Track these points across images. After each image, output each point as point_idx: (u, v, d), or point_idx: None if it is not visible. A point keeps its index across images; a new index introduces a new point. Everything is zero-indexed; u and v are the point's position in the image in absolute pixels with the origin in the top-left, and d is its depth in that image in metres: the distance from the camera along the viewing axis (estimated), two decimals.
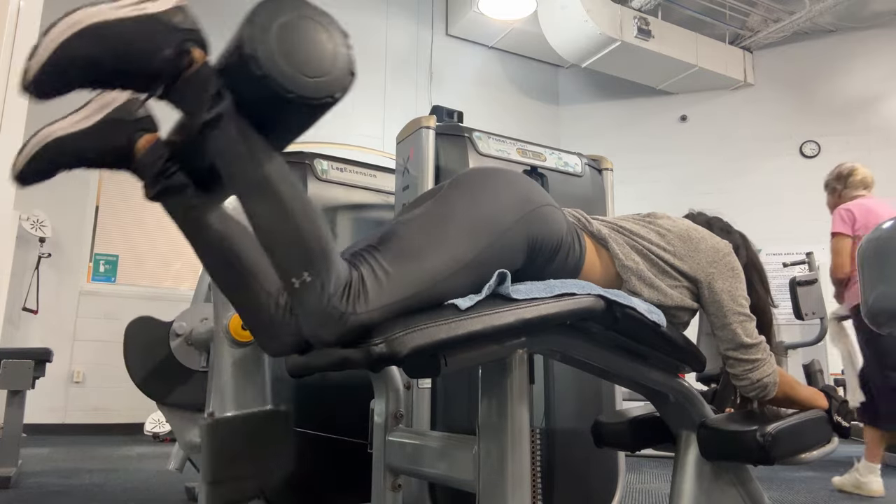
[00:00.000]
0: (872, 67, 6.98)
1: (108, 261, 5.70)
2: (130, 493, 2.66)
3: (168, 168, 1.03)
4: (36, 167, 1.03)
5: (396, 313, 0.96)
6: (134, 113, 1.06)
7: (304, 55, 0.87)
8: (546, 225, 1.13)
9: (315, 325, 0.93)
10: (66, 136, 1.03)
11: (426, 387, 1.86)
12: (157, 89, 0.93)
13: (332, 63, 0.90)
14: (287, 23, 0.88)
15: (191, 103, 0.92)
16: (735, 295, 1.32)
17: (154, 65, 0.90)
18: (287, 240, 0.91)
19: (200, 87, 0.90)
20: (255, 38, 0.86)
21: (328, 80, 0.89)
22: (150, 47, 0.89)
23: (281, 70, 0.85)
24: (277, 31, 0.86)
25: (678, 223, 1.39)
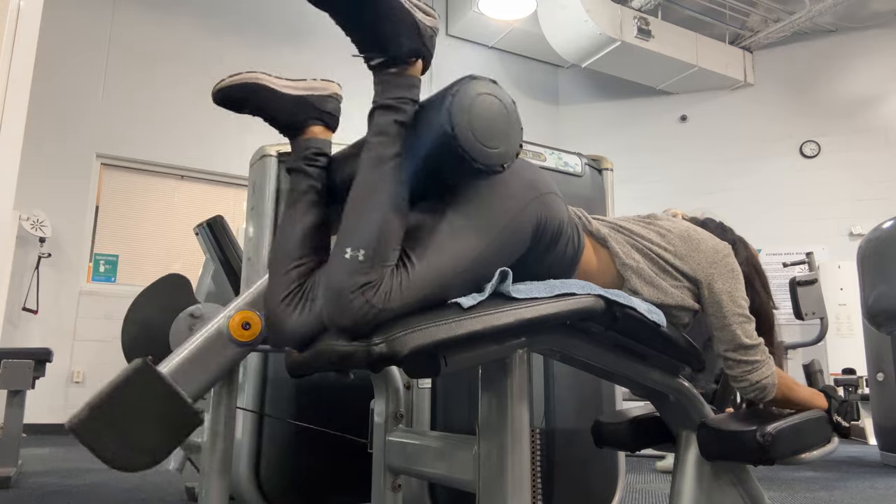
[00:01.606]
0: (872, 67, 6.98)
1: (108, 261, 5.70)
2: (130, 493, 2.66)
3: (316, 159, 1.23)
4: (234, 93, 1.22)
5: (408, 312, 0.98)
6: (326, 105, 1.28)
7: (486, 125, 1.02)
8: (551, 211, 1.15)
9: (337, 305, 0.96)
10: (272, 88, 1.23)
11: (426, 387, 1.86)
12: (377, 59, 1.08)
13: (504, 138, 1.04)
14: (481, 95, 1.03)
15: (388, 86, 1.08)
16: (734, 296, 1.32)
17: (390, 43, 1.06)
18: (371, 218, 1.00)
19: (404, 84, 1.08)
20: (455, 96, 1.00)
21: (499, 152, 1.03)
22: (399, 31, 1.06)
23: (463, 127, 1.00)
24: (472, 97, 1.02)
25: (678, 224, 1.39)
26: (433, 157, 1.03)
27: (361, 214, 1.01)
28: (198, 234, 3.07)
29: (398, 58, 1.06)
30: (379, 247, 0.98)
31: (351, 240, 0.99)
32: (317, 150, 1.24)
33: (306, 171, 1.22)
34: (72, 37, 5.67)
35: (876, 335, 3.91)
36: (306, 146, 1.24)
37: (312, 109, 1.25)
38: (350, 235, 0.99)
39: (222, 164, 6.09)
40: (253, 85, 1.21)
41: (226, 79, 1.21)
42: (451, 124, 0.98)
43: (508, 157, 1.05)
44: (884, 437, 3.93)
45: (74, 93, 5.58)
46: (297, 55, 6.50)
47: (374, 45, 1.06)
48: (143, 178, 5.92)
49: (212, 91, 1.22)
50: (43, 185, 5.28)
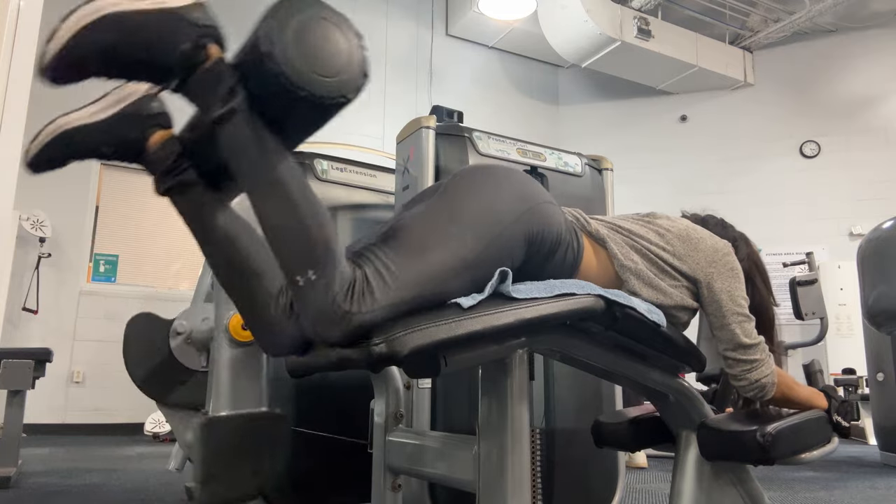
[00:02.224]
0: (872, 67, 6.98)
1: (108, 261, 5.70)
2: (130, 493, 2.66)
3: (179, 164, 1.06)
4: (48, 156, 1.04)
5: (400, 313, 0.96)
6: (149, 108, 1.08)
7: (319, 54, 0.88)
8: (545, 221, 1.13)
9: (318, 324, 0.93)
10: (81, 126, 1.05)
11: (426, 387, 1.86)
12: (172, 82, 0.94)
13: (346, 63, 0.91)
14: (304, 22, 0.89)
15: (204, 98, 0.93)
16: (734, 295, 1.32)
17: (170, 58, 0.91)
18: (294, 237, 0.92)
19: (215, 82, 0.91)
20: (272, 35, 0.87)
21: (341, 80, 0.90)
22: (168, 40, 0.90)
23: (295, 68, 0.86)
24: (294, 30, 0.88)
25: (677, 223, 1.39)
26: (283, 114, 0.92)
27: (284, 240, 0.93)
28: None
29: (189, 65, 0.92)
30: (321, 256, 0.92)
31: (293, 268, 0.92)
32: (174, 155, 1.06)
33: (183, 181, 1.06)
34: None
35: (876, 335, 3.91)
36: (161, 157, 1.06)
37: (138, 120, 1.07)
38: (289, 265, 0.93)
39: None
40: (61, 136, 1.04)
41: (30, 145, 1.03)
42: (273, 59, 0.86)
43: (352, 84, 0.91)
44: (884, 437, 3.93)
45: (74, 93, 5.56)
46: None
47: (159, 71, 0.93)
48: (143, 178, 5.85)
49: (25, 164, 1.04)
50: (43, 185, 5.26)
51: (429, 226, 1.05)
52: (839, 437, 1.47)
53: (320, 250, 0.92)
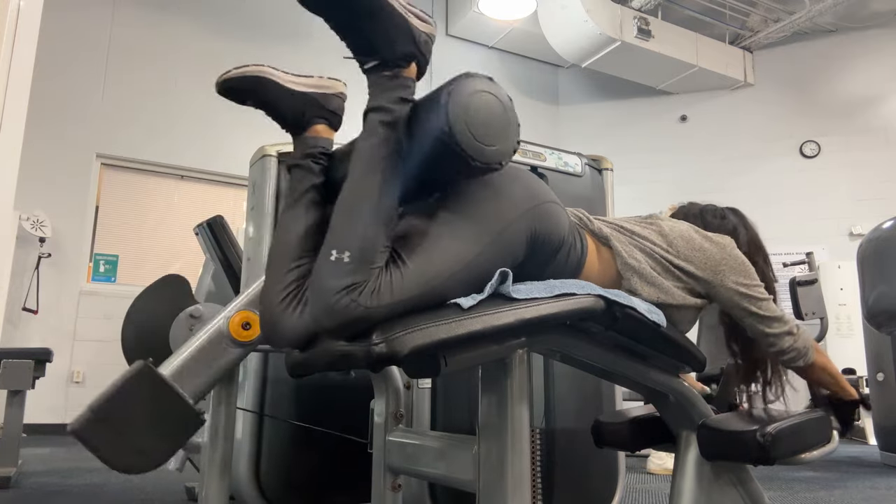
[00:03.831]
0: (872, 67, 6.98)
1: (108, 261, 5.70)
2: (130, 493, 2.66)
3: (319, 157, 1.22)
4: (238, 85, 1.20)
5: (402, 311, 0.97)
6: (332, 104, 1.26)
7: (483, 122, 1.01)
8: (549, 222, 1.14)
9: (323, 307, 0.96)
10: (278, 83, 1.21)
11: (426, 387, 1.86)
12: (371, 62, 1.07)
13: (502, 136, 1.04)
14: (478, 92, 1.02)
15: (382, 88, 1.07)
16: (749, 285, 1.34)
17: (384, 47, 1.06)
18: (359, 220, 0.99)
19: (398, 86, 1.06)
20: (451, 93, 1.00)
21: (495, 150, 1.03)
22: (393, 35, 1.05)
23: (459, 124, 0.99)
24: (469, 94, 1.01)
25: (679, 224, 1.39)
26: (429, 156, 1.03)
27: (349, 217, 1.00)
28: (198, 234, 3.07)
29: (391, 61, 1.06)
30: (365, 249, 0.98)
31: (337, 242, 0.99)
32: (321, 149, 1.23)
33: (310, 167, 1.21)
34: (72, 37, 5.67)
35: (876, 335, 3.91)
36: (311, 144, 1.23)
37: (317, 107, 1.24)
38: (336, 237, 0.99)
39: (222, 164, 6.09)
40: (259, 78, 1.19)
41: (231, 70, 1.19)
42: (447, 122, 0.98)
43: (506, 154, 1.04)
44: (884, 437, 3.93)
45: (74, 93, 5.58)
46: (296, 54, 6.50)
47: (368, 48, 1.06)
48: (143, 178, 5.92)
49: (216, 81, 1.20)
50: (43, 185, 5.28)
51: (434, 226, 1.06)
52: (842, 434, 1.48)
53: (368, 245, 0.98)
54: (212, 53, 6.19)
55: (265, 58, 6.36)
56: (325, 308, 0.96)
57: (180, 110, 5.99)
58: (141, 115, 5.84)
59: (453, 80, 1.02)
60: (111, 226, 5.77)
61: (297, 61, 6.47)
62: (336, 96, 1.27)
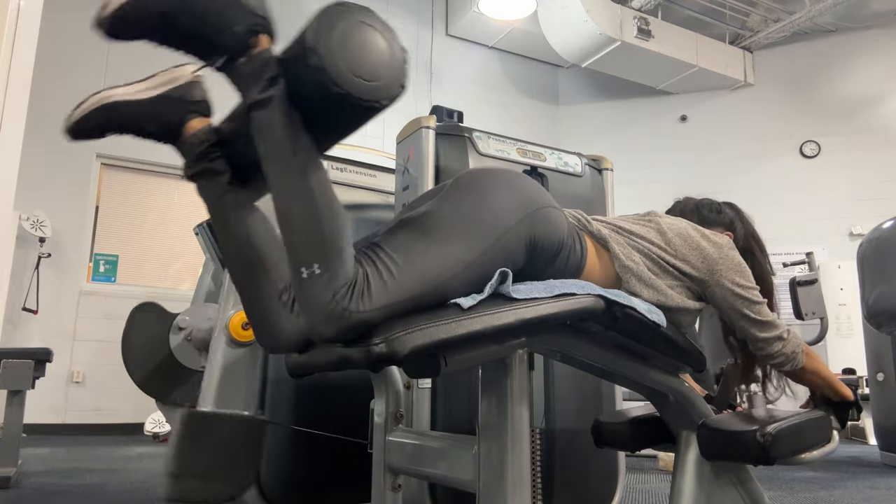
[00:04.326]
0: (872, 67, 6.98)
1: (108, 261, 5.70)
2: (130, 493, 2.66)
3: (211, 152, 1.10)
4: (87, 125, 1.08)
5: (398, 313, 0.97)
6: (192, 94, 1.13)
7: (361, 57, 0.93)
8: (547, 226, 1.13)
9: (317, 320, 0.94)
10: (125, 101, 1.09)
11: (426, 387, 1.86)
12: (219, 61, 0.98)
13: (385, 70, 0.95)
14: (351, 25, 0.94)
15: (246, 81, 0.97)
16: (745, 286, 1.34)
17: (223, 36, 0.96)
18: (307, 229, 0.94)
19: (259, 69, 0.96)
20: (319, 33, 0.92)
21: (378, 85, 0.94)
22: (224, 19, 0.95)
23: (336, 65, 0.91)
24: (341, 31, 0.93)
25: (677, 222, 1.39)
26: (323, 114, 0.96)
27: (295, 232, 0.95)
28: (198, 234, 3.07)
29: (238, 47, 0.96)
30: (329, 252, 0.93)
31: (300, 260, 0.94)
32: (209, 143, 1.11)
33: (212, 169, 1.10)
34: (72, 37, 5.67)
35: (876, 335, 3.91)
36: (196, 142, 1.11)
37: (180, 104, 1.12)
38: (297, 256, 0.94)
39: None
40: (102, 106, 1.07)
41: (73, 112, 1.08)
42: (317, 55, 0.90)
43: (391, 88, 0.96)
44: (884, 437, 3.93)
45: (74, 93, 5.56)
46: None
47: (210, 47, 0.97)
48: (143, 178, 5.92)
49: (65, 128, 1.09)
50: (43, 185, 5.28)
51: (428, 228, 1.05)
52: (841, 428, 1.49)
53: (329, 246, 0.93)
54: None
55: None
56: (320, 321, 0.94)
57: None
58: None
59: (319, 15, 0.93)
60: (111, 226, 5.77)
61: None
62: (191, 83, 1.14)
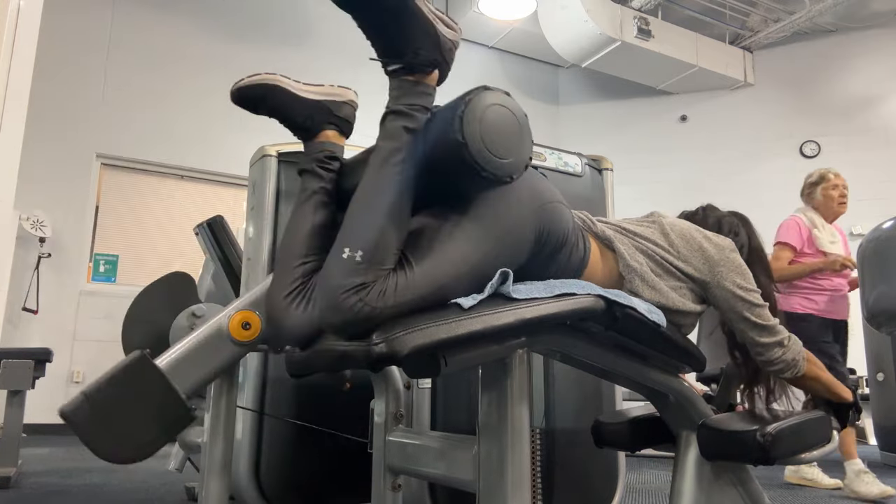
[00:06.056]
0: (872, 67, 6.98)
1: (108, 261, 5.70)
2: (130, 493, 2.66)
3: (329, 162, 1.26)
4: (252, 94, 1.24)
5: (407, 312, 0.98)
6: (342, 112, 1.30)
7: (497, 137, 1.02)
8: (554, 221, 1.14)
9: (329, 304, 0.96)
10: (289, 91, 1.25)
11: (426, 387, 1.86)
12: (394, 65, 1.09)
13: (515, 150, 1.04)
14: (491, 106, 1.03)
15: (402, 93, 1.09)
16: (746, 289, 1.34)
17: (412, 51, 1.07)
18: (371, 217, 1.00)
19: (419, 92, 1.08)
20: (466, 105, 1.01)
21: (508, 163, 1.03)
22: (420, 41, 1.07)
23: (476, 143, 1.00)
24: (482, 110, 1.02)
25: (679, 223, 1.39)
26: (442, 164, 1.04)
27: (363, 216, 1.01)
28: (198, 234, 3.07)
29: (415, 66, 1.07)
30: (377, 249, 0.98)
31: (350, 240, 0.99)
32: (330, 154, 1.25)
33: (318, 173, 1.24)
34: (72, 37, 5.67)
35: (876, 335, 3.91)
36: (320, 149, 1.26)
37: (328, 114, 1.28)
38: (350, 236, 1.00)
39: (222, 164, 6.09)
40: (271, 86, 1.23)
41: (244, 78, 1.23)
42: (462, 133, 0.99)
43: (518, 168, 1.05)
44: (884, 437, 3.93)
45: (74, 93, 5.58)
46: (298, 56, 6.50)
47: (393, 51, 1.07)
48: (143, 178, 5.92)
49: (230, 89, 1.24)
50: (43, 185, 5.28)
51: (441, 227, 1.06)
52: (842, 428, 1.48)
53: (381, 245, 0.98)
54: (212, 53, 6.19)
55: (266, 58, 6.36)
56: (332, 304, 0.96)
57: (180, 110, 5.98)
58: (141, 115, 5.84)
59: (471, 92, 1.03)
60: (111, 226, 5.77)
61: (298, 62, 6.47)
62: (346, 104, 1.30)
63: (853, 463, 2.87)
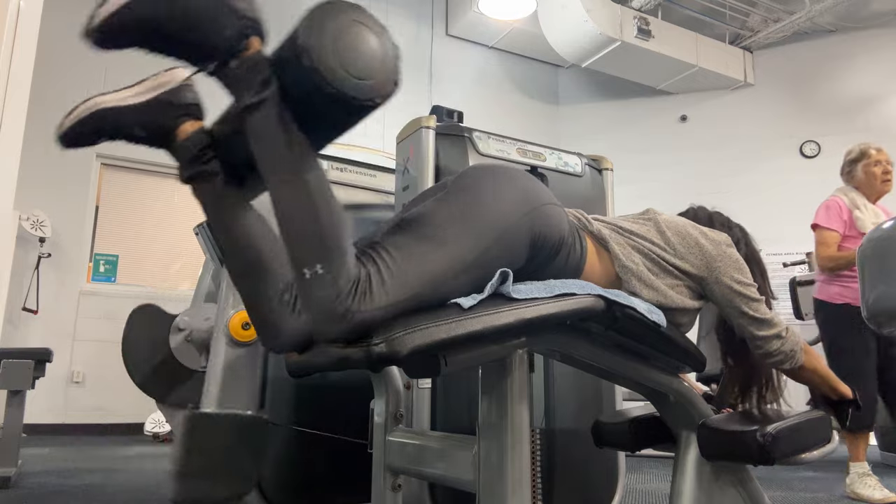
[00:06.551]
0: (872, 67, 6.98)
1: (108, 261, 5.70)
2: (130, 493, 2.66)
3: (205, 154, 1.08)
4: (80, 131, 1.07)
5: (400, 312, 0.96)
6: (183, 98, 1.12)
7: (354, 56, 0.92)
8: (549, 223, 1.13)
9: (320, 320, 0.94)
10: (116, 107, 1.08)
11: (426, 387, 1.86)
12: (210, 66, 0.98)
13: (378, 68, 0.94)
14: (343, 23, 0.93)
15: (239, 85, 0.96)
16: (744, 283, 1.34)
17: (214, 41, 0.95)
18: (307, 230, 0.94)
19: (251, 71, 0.95)
20: (311, 32, 0.91)
21: (372, 83, 0.93)
22: (214, 23, 0.94)
23: (329, 64, 0.90)
24: (333, 29, 0.91)
25: (675, 220, 1.40)
26: (316, 113, 0.94)
27: (297, 233, 0.94)
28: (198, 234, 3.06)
29: (230, 51, 0.95)
30: (331, 251, 0.93)
31: (301, 260, 0.93)
32: (201, 145, 1.09)
33: (206, 171, 1.08)
34: (72, 37, 5.66)
35: None
36: (189, 146, 1.09)
37: (171, 108, 1.10)
38: (298, 256, 0.94)
39: None
40: (95, 114, 1.07)
41: (64, 120, 1.07)
42: (309, 55, 0.89)
43: (383, 88, 0.94)
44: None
45: (74, 93, 5.56)
46: None
47: (201, 53, 0.96)
48: (143, 178, 5.92)
49: (55, 137, 1.07)
50: (43, 185, 5.28)
51: (430, 227, 1.04)
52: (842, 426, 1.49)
53: (331, 246, 0.93)
54: None
55: None
56: (323, 320, 0.93)
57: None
58: None
59: (310, 14, 0.92)
60: (111, 226, 5.77)
61: None
62: (181, 87, 1.12)
63: (859, 465, 2.82)
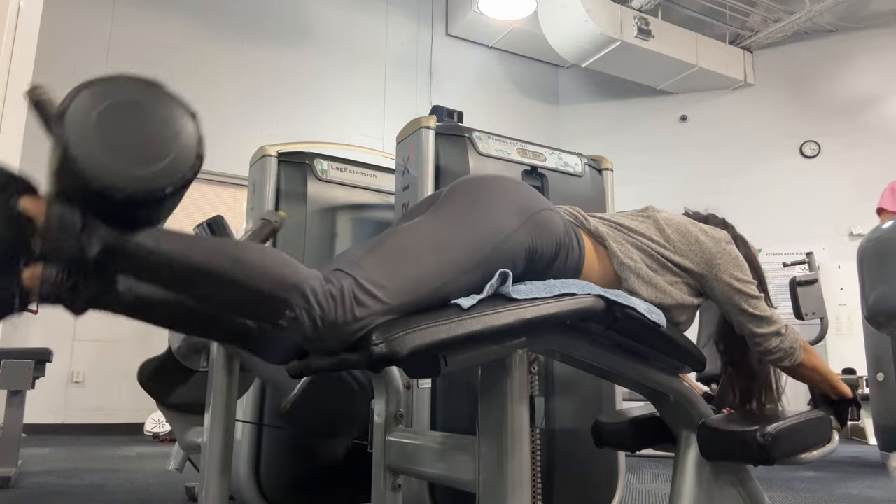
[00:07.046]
0: (872, 67, 6.98)
1: None
2: (130, 493, 2.66)
3: (77, 284, 0.92)
4: None
5: (395, 314, 0.96)
6: None
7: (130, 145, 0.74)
8: (545, 230, 1.13)
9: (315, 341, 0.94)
10: None
11: (426, 387, 1.86)
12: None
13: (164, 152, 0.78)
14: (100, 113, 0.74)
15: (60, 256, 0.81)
16: (743, 280, 1.34)
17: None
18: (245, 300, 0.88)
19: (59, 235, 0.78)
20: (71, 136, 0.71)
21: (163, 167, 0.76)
22: None
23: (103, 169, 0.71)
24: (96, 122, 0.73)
25: (674, 217, 1.40)
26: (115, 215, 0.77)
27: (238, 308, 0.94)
28: None
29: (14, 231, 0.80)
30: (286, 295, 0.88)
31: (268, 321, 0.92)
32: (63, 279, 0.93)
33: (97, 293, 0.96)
34: (72, 37, 5.67)
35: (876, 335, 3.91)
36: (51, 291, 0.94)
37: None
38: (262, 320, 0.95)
39: (222, 164, 6.07)
40: None
41: None
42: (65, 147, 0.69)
43: (181, 168, 0.78)
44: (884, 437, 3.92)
45: None
46: (297, 55, 6.49)
47: None
48: None
49: None
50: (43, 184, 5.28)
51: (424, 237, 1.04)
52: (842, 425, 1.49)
53: (278, 293, 0.87)
54: (212, 53, 6.19)
55: (265, 58, 6.35)
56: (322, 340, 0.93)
57: None
58: None
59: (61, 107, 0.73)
60: None
61: (297, 61, 6.47)
62: None
63: None
